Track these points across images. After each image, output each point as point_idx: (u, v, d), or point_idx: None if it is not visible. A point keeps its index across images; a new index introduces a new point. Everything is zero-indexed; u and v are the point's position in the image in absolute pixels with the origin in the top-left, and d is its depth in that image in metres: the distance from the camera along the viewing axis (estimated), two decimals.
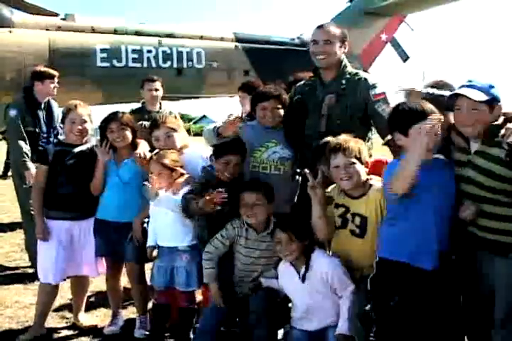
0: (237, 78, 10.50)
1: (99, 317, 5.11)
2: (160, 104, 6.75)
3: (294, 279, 3.86)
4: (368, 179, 3.75)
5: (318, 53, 4.25)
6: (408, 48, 13.62)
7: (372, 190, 3.72)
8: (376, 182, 3.74)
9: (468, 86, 3.27)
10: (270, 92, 4.36)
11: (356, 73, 4.33)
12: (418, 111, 3.25)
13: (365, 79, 4.26)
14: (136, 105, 7.07)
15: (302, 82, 4.57)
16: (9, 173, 14.36)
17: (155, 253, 4.49)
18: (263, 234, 4.05)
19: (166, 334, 4.56)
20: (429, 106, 3.27)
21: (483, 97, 3.20)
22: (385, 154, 4.08)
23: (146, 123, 6.02)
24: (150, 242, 4.46)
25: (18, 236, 8.26)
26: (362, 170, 3.70)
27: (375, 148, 4.33)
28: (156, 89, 6.68)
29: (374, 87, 4.22)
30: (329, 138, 3.81)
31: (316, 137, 4.10)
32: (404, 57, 13.47)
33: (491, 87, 3.26)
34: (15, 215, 9.68)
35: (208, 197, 3.90)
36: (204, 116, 32.34)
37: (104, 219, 4.65)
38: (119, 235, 4.59)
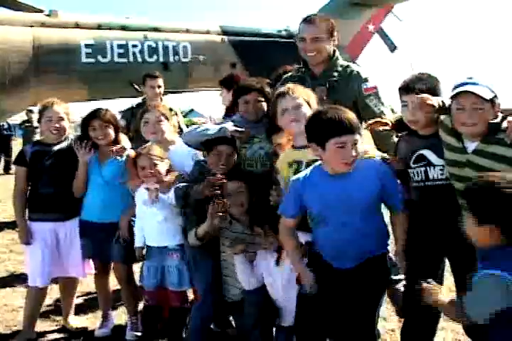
0: (225, 71, 10.37)
1: (89, 320, 5.02)
2: (161, 99, 6.66)
3: (270, 264, 3.79)
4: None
5: (307, 51, 4.17)
6: (397, 39, 13.57)
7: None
8: None
9: (472, 83, 3.12)
10: (252, 85, 4.25)
11: (347, 66, 4.24)
12: (337, 124, 3.09)
13: (357, 72, 4.18)
14: (123, 101, 6.97)
15: (290, 74, 4.47)
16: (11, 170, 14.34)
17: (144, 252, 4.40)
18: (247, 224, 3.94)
19: (158, 336, 4.48)
20: (348, 117, 3.12)
21: (490, 94, 3.08)
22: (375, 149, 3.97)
23: None
24: (138, 243, 4.37)
25: (6, 236, 8.17)
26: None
27: (365, 142, 4.22)
28: (159, 86, 6.63)
29: (366, 80, 4.14)
30: None
31: None
32: (392, 48, 13.40)
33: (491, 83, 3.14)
34: (3, 214, 9.60)
35: (207, 181, 3.82)
36: (192, 110, 32.17)
37: (88, 220, 4.56)
38: (105, 236, 4.49)
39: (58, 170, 4.54)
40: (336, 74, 4.17)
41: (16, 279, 6.05)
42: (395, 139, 3.88)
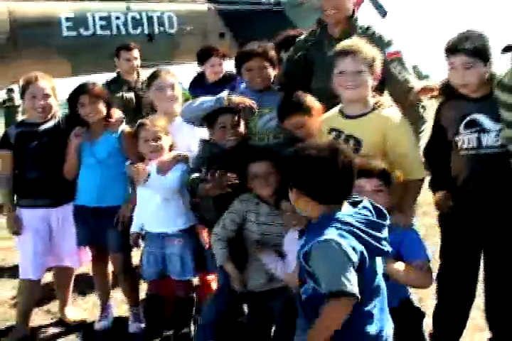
0: (212, 42, 9.95)
1: (87, 310, 4.70)
2: (138, 73, 6.21)
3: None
4: (376, 101, 3.30)
5: (327, 8, 3.80)
6: (387, 4, 13.18)
7: (376, 113, 3.25)
8: (389, 107, 3.29)
9: None
10: (253, 50, 3.87)
11: (368, 27, 3.88)
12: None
13: (380, 34, 3.82)
14: (108, 76, 6.51)
15: (303, 37, 4.09)
16: None
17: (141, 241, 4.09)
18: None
19: (163, 328, 4.17)
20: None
21: None
22: None
23: (126, 95, 5.52)
24: (134, 228, 4.02)
25: None
26: (371, 84, 3.23)
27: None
28: (135, 58, 6.11)
29: (389, 44, 3.78)
30: None
31: (327, 99, 3.63)
32: (383, 14, 13.00)
33: None
34: None
35: (216, 181, 3.49)
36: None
37: (83, 204, 4.19)
38: (101, 221, 4.14)
39: (46, 151, 4.15)
40: (355, 36, 3.77)
41: (6, 268, 5.70)
42: (421, 111, 3.63)
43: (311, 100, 3.63)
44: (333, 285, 2.23)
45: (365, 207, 2.43)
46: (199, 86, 5.51)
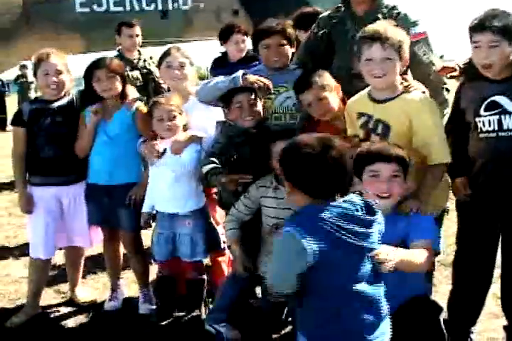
0: (226, 19, 9.83)
1: (98, 290, 4.67)
2: (139, 51, 6.09)
3: None
4: (403, 83, 3.18)
5: None
6: None
7: (403, 97, 3.14)
8: (415, 90, 3.18)
9: None
10: (272, 27, 3.77)
11: (394, 7, 3.71)
12: None
13: (405, 14, 3.67)
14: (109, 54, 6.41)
15: (326, 14, 3.95)
16: None
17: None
18: None
19: (174, 309, 4.13)
20: None
21: None
22: None
23: (132, 74, 5.45)
24: (145, 208, 3.96)
25: (5, 198, 7.78)
26: (399, 70, 3.11)
27: None
28: (137, 35, 6.00)
29: (415, 24, 3.64)
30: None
31: (348, 78, 3.55)
32: None
33: None
34: (4, 175, 9.11)
35: (231, 178, 3.44)
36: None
37: (95, 183, 4.13)
38: (113, 200, 4.07)
39: (59, 129, 4.08)
40: (380, 16, 3.65)
41: (17, 246, 5.69)
42: (445, 94, 3.53)
43: (326, 77, 3.53)
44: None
45: (347, 201, 2.34)
46: (222, 66, 5.38)
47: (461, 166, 3.27)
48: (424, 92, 3.23)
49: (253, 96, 3.63)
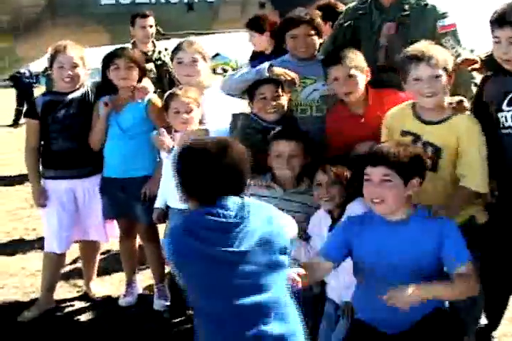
0: (252, 11, 9.70)
1: (113, 285, 4.62)
2: (153, 42, 6.02)
3: (328, 226, 3.21)
4: (450, 101, 3.05)
5: None
6: None
7: (455, 119, 3.01)
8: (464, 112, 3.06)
9: None
10: (300, 17, 3.65)
11: None
12: None
13: (433, 5, 3.52)
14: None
15: (352, 5, 3.83)
16: (21, 121, 13.99)
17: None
18: (291, 190, 3.38)
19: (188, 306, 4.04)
20: None
21: None
22: None
23: (146, 66, 5.35)
24: (158, 204, 3.88)
25: (26, 189, 7.76)
26: (447, 86, 2.99)
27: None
28: (150, 26, 5.90)
29: (443, 16, 3.50)
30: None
31: (373, 70, 3.44)
32: None
33: None
34: (23, 166, 9.13)
35: None
36: (217, 54, 30.86)
37: (109, 176, 4.08)
38: (129, 193, 4.02)
39: (73, 121, 4.03)
40: (407, 7, 3.53)
41: (36, 239, 5.67)
42: (474, 90, 3.38)
43: (359, 56, 3.39)
44: None
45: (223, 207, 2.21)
46: (259, 57, 5.25)
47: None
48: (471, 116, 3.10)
49: (278, 89, 3.53)
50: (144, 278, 4.61)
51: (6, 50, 8.55)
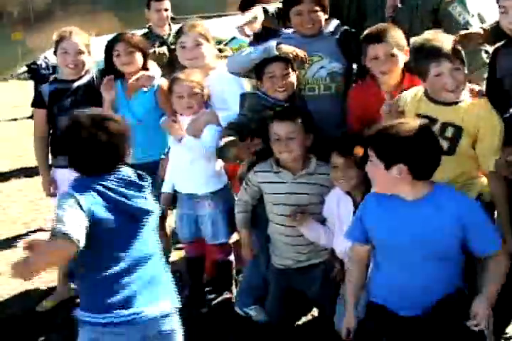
0: None
1: None
2: (170, 25, 5.95)
3: (348, 208, 3.16)
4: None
5: None
6: None
7: (474, 101, 2.95)
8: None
9: None
10: None
11: None
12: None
13: None
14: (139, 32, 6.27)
15: None
16: None
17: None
18: (301, 173, 3.32)
19: (205, 291, 4.05)
20: None
21: None
22: None
23: (159, 50, 5.29)
24: (165, 188, 3.85)
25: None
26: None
27: None
28: (166, 9, 5.78)
29: None
30: None
31: None
32: None
33: None
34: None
35: (242, 146, 3.32)
36: (234, 38, 30.63)
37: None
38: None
39: (80, 109, 3.99)
40: None
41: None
42: (485, 57, 3.28)
43: (401, 34, 3.27)
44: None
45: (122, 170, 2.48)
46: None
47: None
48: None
49: (287, 67, 3.45)
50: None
51: (17, 44, 8.61)
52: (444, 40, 2.89)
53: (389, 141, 2.49)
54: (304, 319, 3.70)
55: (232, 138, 3.40)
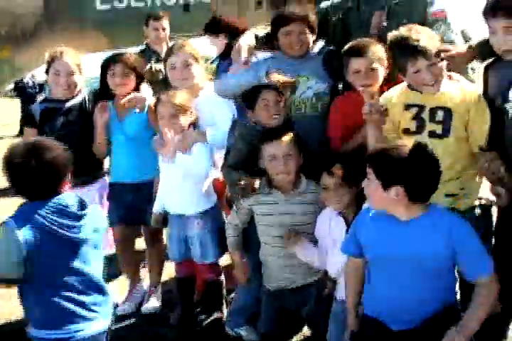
0: (250, 10, 9.68)
1: (117, 288, 4.47)
2: (167, 44, 5.98)
3: (340, 227, 3.13)
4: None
5: None
6: None
7: (460, 86, 3.06)
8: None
9: None
10: (293, 14, 3.57)
11: None
12: None
13: None
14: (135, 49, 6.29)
15: (337, 0, 3.82)
16: None
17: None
18: (293, 192, 3.32)
19: (195, 311, 4.02)
20: None
21: None
22: None
23: (155, 66, 5.30)
24: (156, 207, 3.83)
25: None
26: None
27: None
28: (163, 28, 5.88)
29: (432, 2, 3.53)
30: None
31: None
32: None
33: None
34: None
35: (242, 184, 3.33)
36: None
37: (116, 181, 4.08)
38: (140, 197, 4.00)
39: (71, 129, 4.00)
40: None
41: None
42: (471, 73, 3.38)
43: (380, 48, 3.33)
44: None
45: (61, 199, 2.60)
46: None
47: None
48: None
49: (279, 94, 3.47)
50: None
51: (4, 62, 8.54)
52: (420, 37, 2.95)
53: (390, 162, 2.50)
54: (295, 338, 3.68)
55: (246, 180, 3.39)
